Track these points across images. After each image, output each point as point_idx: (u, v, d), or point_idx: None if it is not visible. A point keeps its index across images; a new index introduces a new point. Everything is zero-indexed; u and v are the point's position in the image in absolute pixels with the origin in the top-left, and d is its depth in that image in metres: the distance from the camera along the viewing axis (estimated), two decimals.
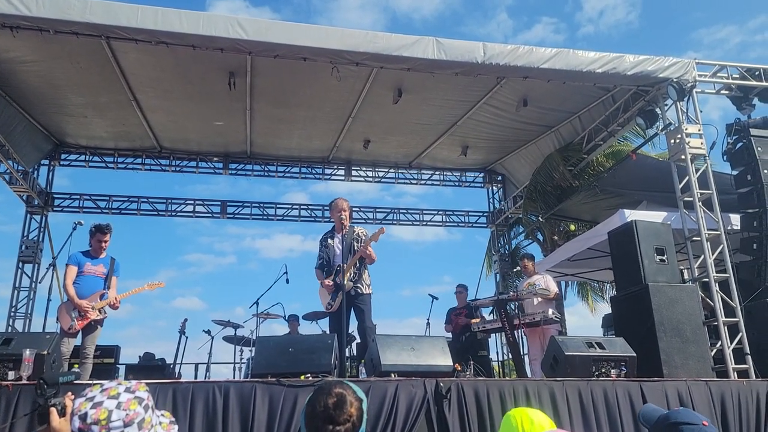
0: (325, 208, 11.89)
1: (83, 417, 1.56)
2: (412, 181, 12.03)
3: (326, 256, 6.08)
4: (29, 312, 9.85)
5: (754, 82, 7.66)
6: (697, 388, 5.00)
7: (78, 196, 10.94)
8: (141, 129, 9.64)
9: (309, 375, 4.41)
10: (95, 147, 10.51)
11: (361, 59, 6.62)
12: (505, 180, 12.23)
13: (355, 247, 5.95)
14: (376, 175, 11.78)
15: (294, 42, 6.34)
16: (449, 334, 8.72)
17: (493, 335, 9.38)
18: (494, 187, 12.53)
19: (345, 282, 5.66)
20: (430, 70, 6.94)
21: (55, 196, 10.75)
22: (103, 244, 6.00)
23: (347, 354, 7.08)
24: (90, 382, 4.11)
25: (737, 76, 7.73)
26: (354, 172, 11.59)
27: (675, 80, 7.20)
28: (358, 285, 5.88)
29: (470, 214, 12.80)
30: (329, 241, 6.12)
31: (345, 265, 5.74)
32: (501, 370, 10.64)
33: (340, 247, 5.94)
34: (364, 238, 6.04)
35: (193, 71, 7.70)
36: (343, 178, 11.58)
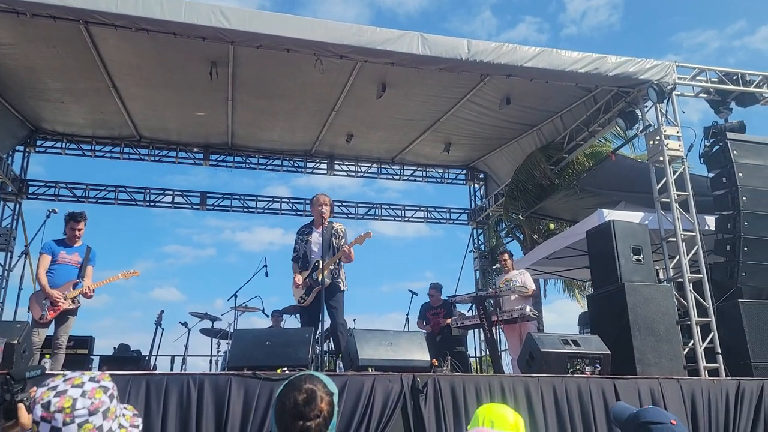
0: (307, 201, 11.85)
1: (46, 405, 1.53)
2: (395, 177, 12.03)
3: (303, 250, 6.04)
4: (0, 301, 9.67)
5: (731, 87, 7.78)
6: (669, 386, 5.08)
7: (54, 184, 10.76)
8: (120, 117, 9.48)
9: (286, 368, 4.39)
10: (72, 134, 10.31)
11: (345, 52, 6.59)
12: (486, 178, 12.29)
13: (334, 244, 5.92)
14: (359, 170, 11.76)
15: (278, 33, 6.28)
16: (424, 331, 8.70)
17: (471, 331, 9.42)
18: (476, 185, 12.58)
19: (323, 278, 5.63)
20: (415, 66, 6.93)
21: (30, 183, 10.56)
22: (77, 233, 5.88)
23: (325, 348, 7.07)
24: (59, 372, 4.05)
25: (716, 79, 7.84)
26: (336, 167, 11.56)
27: (655, 82, 7.28)
28: (337, 280, 5.87)
29: (452, 210, 12.85)
30: (307, 235, 6.08)
31: (324, 262, 5.72)
32: (479, 366, 10.71)
33: (319, 243, 5.91)
34: (342, 234, 6.02)
35: (174, 59, 7.59)
36: (325, 172, 11.55)
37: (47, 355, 5.49)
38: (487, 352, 9.00)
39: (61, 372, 1.72)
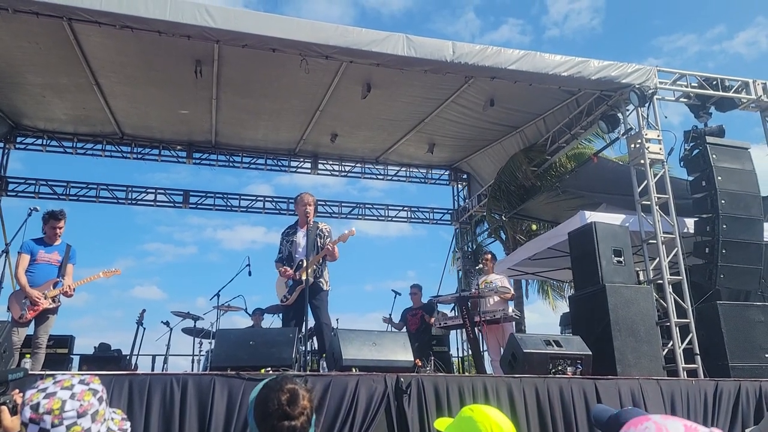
0: (290, 200, 11.80)
1: (35, 407, 1.52)
2: (378, 177, 12.04)
3: (287, 251, 6.04)
4: None
5: (711, 92, 7.92)
6: (648, 386, 5.17)
7: (34, 181, 10.58)
8: (102, 114, 9.36)
9: (270, 368, 4.38)
10: (53, 131, 10.16)
11: (330, 53, 6.59)
12: (470, 178, 12.36)
13: (319, 243, 5.92)
14: (343, 170, 11.75)
15: (263, 32, 6.26)
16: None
17: (453, 331, 9.47)
18: (459, 185, 12.64)
19: (307, 277, 5.61)
20: (400, 67, 6.96)
21: (9, 180, 10.37)
22: (57, 231, 5.81)
23: (308, 348, 7.06)
24: (42, 372, 4.00)
25: (696, 84, 7.98)
26: (320, 166, 11.53)
27: (637, 86, 7.39)
28: (320, 280, 5.86)
29: (435, 210, 12.90)
30: (292, 236, 6.08)
31: (308, 260, 5.70)
32: (461, 366, 10.76)
33: (303, 242, 5.90)
34: (327, 234, 6.01)
35: (158, 58, 7.52)
36: (309, 171, 11.52)
37: (27, 355, 5.42)
38: (470, 352, 9.07)
39: (51, 373, 1.71)
